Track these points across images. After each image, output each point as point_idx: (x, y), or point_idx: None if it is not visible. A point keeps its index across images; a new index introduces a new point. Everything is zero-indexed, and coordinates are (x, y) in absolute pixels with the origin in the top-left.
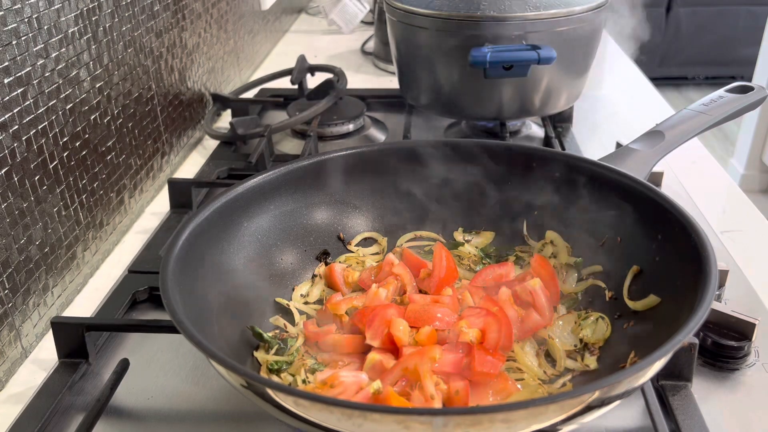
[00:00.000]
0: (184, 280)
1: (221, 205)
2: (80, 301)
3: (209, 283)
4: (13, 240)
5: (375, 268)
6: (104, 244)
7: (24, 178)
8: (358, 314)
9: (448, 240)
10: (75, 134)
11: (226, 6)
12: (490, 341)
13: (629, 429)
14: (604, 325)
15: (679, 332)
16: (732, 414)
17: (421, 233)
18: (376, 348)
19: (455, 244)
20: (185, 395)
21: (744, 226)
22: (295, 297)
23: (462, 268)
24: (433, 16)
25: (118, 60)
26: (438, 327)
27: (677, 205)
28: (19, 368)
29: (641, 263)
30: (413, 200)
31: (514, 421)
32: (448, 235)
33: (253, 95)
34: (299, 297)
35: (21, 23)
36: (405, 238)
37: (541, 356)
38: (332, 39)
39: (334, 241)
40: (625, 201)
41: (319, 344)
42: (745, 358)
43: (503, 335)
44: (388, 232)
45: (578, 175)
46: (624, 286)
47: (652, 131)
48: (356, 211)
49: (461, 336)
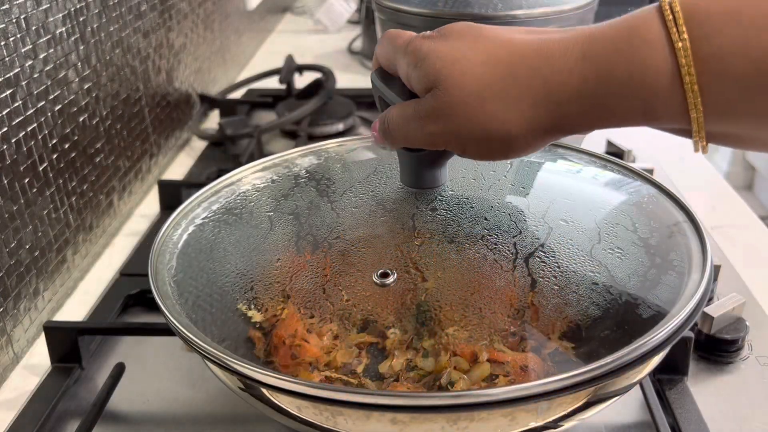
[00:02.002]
0: (177, 282)
1: None
2: (71, 305)
3: (203, 285)
4: (3, 243)
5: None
6: (94, 246)
7: (14, 180)
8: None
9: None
10: (64, 136)
11: (212, 6)
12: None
13: (627, 424)
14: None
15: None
16: (727, 406)
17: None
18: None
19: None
20: (182, 398)
21: (734, 222)
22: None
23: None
24: (423, 15)
25: (106, 61)
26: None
27: (676, 197)
28: (11, 374)
29: None
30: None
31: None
32: None
33: (241, 95)
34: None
35: (9, 24)
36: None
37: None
38: (318, 39)
39: None
40: None
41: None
42: (739, 351)
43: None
44: None
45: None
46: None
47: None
48: None
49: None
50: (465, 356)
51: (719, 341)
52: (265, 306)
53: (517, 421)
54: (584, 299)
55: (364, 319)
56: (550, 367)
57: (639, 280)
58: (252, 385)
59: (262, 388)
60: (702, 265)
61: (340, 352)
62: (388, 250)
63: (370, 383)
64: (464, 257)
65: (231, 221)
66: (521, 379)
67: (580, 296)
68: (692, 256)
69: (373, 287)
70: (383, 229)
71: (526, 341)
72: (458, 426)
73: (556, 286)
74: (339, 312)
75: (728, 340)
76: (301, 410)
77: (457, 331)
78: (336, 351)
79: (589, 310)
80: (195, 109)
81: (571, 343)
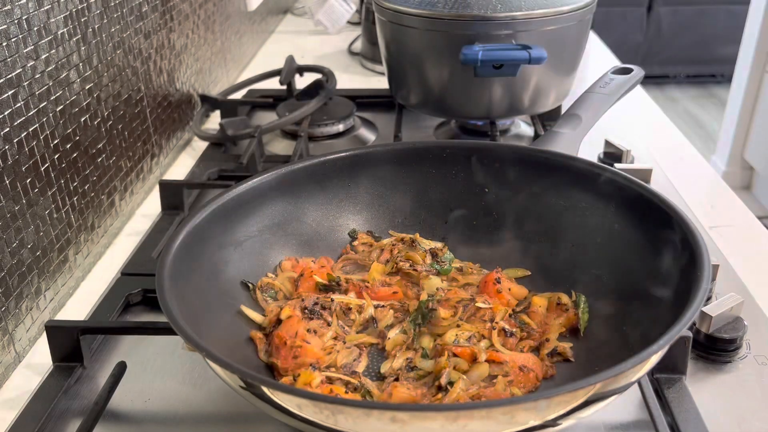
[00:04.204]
0: (180, 282)
1: (219, 206)
2: (73, 305)
3: (205, 286)
4: (6, 243)
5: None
6: (96, 246)
7: (16, 180)
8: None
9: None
10: (66, 136)
11: (213, 7)
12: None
13: (626, 423)
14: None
15: (675, 324)
16: (726, 405)
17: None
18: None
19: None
20: (183, 397)
21: (732, 221)
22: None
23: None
24: (422, 16)
25: (107, 61)
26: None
27: (668, 201)
28: (13, 373)
29: (632, 258)
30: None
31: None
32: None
33: (242, 96)
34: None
35: (11, 25)
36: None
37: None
38: (319, 39)
39: (335, 242)
40: (614, 197)
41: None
42: (737, 350)
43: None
44: (382, 231)
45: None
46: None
47: (569, 114)
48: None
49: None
50: (464, 356)
51: (717, 340)
52: (266, 306)
53: (516, 419)
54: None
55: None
56: (548, 367)
57: (638, 279)
58: (253, 384)
59: (262, 387)
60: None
61: (340, 353)
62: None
63: (370, 383)
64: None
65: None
66: (521, 379)
67: (578, 296)
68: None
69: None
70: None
71: (525, 341)
72: (458, 424)
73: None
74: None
75: (726, 340)
76: (301, 408)
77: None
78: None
79: (587, 310)
80: (196, 109)
81: (569, 343)
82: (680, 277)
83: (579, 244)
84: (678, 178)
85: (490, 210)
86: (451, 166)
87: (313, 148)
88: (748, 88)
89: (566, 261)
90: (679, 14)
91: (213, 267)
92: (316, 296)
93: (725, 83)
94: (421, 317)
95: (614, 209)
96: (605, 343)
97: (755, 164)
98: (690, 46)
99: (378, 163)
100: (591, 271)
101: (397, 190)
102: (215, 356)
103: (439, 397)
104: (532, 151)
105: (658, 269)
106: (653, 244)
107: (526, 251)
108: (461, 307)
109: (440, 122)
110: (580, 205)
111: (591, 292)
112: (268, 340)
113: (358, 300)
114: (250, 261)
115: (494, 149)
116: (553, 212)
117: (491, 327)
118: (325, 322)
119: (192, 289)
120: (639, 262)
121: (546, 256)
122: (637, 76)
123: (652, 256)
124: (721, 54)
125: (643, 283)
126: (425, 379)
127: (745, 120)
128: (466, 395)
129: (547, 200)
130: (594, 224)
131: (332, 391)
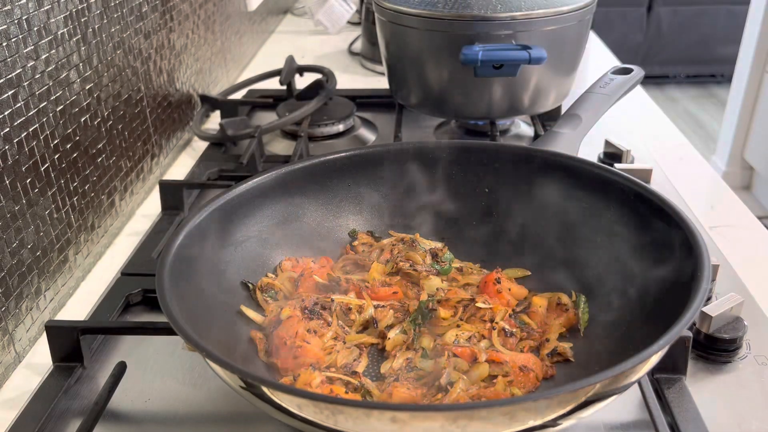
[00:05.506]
0: (180, 282)
1: (219, 206)
2: (73, 305)
3: (205, 286)
4: (6, 243)
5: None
6: (96, 246)
7: (16, 180)
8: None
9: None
10: (66, 136)
11: (213, 7)
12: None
13: (626, 423)
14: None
15: (675, 324)
16: (726, 405)
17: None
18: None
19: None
20: (183, 397)
21: (732, 222)
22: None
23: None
24: (422, 16)
25: (107, 61)
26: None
27: (668, 201)
28: (13, 373)
29: (632, 258)
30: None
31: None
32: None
33: (242, 96)
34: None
35: (11, 25)
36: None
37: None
38: (319, 39)
39: (335, 242)
40: (614, 197)
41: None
42: (737, 351)
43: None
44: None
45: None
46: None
47: (569, 114)
48: (354, 213)
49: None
50: (464, 356)
51: (717, 341)
52: (266, 307)
53: (516, 419)
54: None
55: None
56: (548, 367)
57: (638, 279)
58: (253, 384)
59: (262, 387)
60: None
61: (340, 353)
62: None
63: (370, 383)
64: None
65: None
66: (520, 379)
67: (577, 297)
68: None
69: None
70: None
71: (525, 341)
72: (458, 424)
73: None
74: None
75: (726, 340)
76: (301, 408)
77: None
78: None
79: (587, 310)
80: (196, 109)
81: (569, 343)
82: (680, 277)
83: (579, 244)
84: (678, 178)
85: (490, 210)
86: (451, 166)
87: (313, 148)
88: (748, 88)
89: (566, 261)
90: (679, 14)
91: (213, 267)
92: (316, 296)
93: (725, 83)
94: (421, 317)
95: (614, 209)
96: (605, 343)
97: (755, 164)
98: (690, 46)
99: (378, 163)
100: (591, 271)
101: (397, 190)
102: (215, 356)
103: (439, 397)
104: (532, 151)
105: (658, 269)
106: (653, 244)
107: (526, 251)
108: (461, 307)
109: (440, 122)
110: (580, 205)
111: (591, 292)
112: (268, 340)
113: (358, 300)
114: (250, 261)
115: (494, 149)
116: (553, 212)
117: (491, 327)
118: (325, 322)
119: (192, 289)
120: (639, 262)
121: (546, 256)
122: (637, 76)
123: (652, 256)
124: (721, 54)
125: (643, 283)
126: (425, 379)
127: (745, 120)
128: (466, 395)
129: (547, 200)
130: (594, 224)
131: (332, 391)
